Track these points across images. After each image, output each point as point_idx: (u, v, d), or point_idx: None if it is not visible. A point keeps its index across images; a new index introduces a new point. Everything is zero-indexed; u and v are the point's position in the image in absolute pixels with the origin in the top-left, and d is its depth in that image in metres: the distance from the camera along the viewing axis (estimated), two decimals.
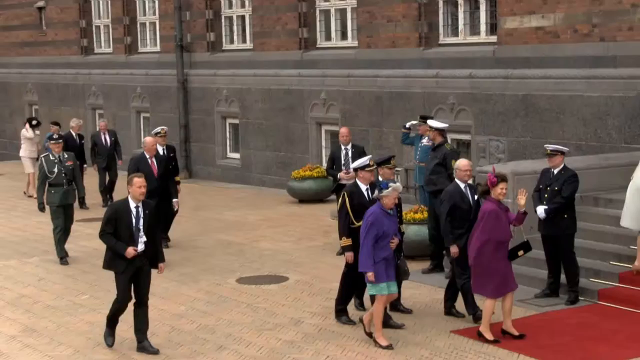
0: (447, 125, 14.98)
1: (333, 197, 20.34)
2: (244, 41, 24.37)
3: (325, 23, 22.06)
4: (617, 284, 12.23)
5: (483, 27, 18.53)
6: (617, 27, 15.73)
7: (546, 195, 12.22)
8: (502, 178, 10.89)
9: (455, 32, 19.16)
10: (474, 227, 10.98)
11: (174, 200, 15.76)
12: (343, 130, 15.77)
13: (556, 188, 12.15)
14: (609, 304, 11.92)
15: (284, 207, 20.40)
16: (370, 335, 10.96)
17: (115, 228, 10.62)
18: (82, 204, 16.03)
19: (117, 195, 20.53)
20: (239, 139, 24.32)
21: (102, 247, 11.06)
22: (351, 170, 15.15)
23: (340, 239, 11.58)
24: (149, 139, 15.87)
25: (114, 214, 10.68)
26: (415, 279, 13.69)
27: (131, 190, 10.68)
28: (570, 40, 16.49)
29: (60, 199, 15.37)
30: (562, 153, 12.37)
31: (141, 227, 10.65)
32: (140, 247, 10.65)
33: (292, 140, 22.57)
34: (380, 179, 11.64)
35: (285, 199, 21.07)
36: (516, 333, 10.88)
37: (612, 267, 12.55)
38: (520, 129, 17.33)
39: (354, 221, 11.30)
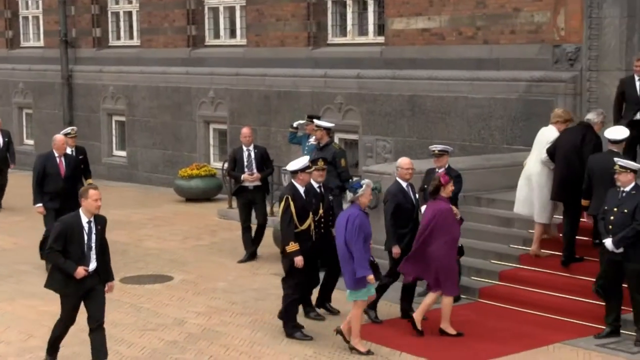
0: (334, 124, 15.05)
1: (220, 195, 20.33)
2: (131, 37, 24.05)
3: (214, 21, 21.92)
4: (497, 282, 12.46)
5: (371, 28, 18.69)
6: (499, 31, 16.04)
7: None
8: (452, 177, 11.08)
9: (343, 32, 19.28)
10: (426, 227, 10.87)
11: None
12: (245, 131, 15.27)
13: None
14: (489, 302, 12.12)
15: (171, 205, 20.19)
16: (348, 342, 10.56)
17: (65, 245, 9.61)
18: None
19: (10, 200, 20.07)
20: (126, 137, 23.98)
21: None
22: (255, 171, 14.99)
23: (287, 244, 10.98)
24: (58, 136, 15.12)
25: (65, 229, 9.61)
26: None
27: (85, 204, 9.64)
28: (455, 42, 16.75)
29: None
30: (448, 153, 12.55)
31: (93, 245, 9.69)
32: (92, 266, 9.70)
33: (179, 139, 22.36)
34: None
35: (172, 197, 20.86)
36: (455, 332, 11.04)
37: (493, 266, 12.78)
38: (407, 129, 17.52)
39: (298, 225, 11.02)
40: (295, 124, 16.50)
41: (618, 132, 11.49)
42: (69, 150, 15.56)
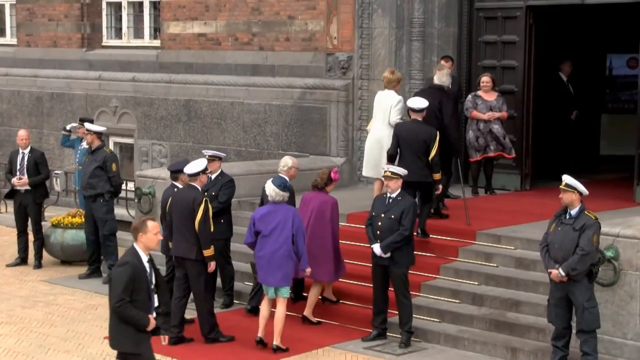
0: (105, 128, 14.75)
1: None
2: None
3: None
4: None
5: (147, 31, 18.53)
6: (275, 38, 16.23)
7: None
8: None
9: (119, 35, 19.02)
10: (316, 218, 11.19)
11: None
12: (21, 133, 14.88)
13: (213, 193, 12.25)
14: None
15: None
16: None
17: (131, 294, 7.96)
18: None
19: None
20: None
21: None
22: (24, 176, 14.47)
23: (207, 248, 10.74)
24: None
25: (134, 274, 7.95)
26: (71, 284, 13.51)
27: (145, 239, 8.08)
28: (231, 48, 16.83)
29: None
30: (220, 159, 12.51)
31: (153, 286, 8.24)
32: (153, 314, 8.21)
33: None
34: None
35: None
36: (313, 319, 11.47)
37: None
38: (183, 134, 17.43)
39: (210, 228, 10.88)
40: (68, 127, 16.09)
41: (419, 102, 12.03)
42: None
